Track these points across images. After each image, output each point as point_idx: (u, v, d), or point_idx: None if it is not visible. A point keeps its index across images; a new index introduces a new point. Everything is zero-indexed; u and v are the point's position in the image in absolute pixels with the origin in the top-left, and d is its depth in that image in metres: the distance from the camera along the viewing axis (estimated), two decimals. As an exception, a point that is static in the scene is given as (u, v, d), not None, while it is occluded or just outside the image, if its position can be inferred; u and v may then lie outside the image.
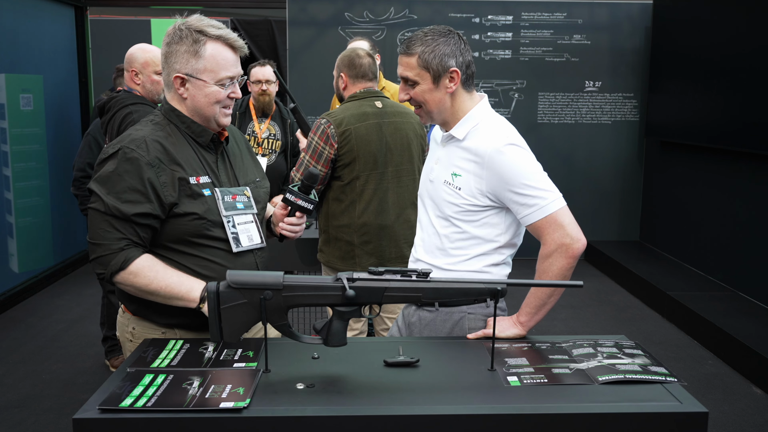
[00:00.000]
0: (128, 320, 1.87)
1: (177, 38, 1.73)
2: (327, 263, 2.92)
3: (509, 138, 1.84)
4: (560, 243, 1.78)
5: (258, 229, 1.86)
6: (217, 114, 1.78)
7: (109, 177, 1.67)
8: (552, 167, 7.20)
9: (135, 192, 1.66)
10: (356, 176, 2.78)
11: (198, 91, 1.75)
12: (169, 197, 1.69)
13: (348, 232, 2.82)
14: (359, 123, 2.76)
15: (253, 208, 1.86)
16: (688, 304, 4.63)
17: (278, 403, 1.40)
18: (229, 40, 1.75)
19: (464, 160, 1.88)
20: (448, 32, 1.87)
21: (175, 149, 1.74)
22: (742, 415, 3.40)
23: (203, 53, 1.72)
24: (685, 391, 1.48)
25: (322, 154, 2.74)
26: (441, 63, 1.83)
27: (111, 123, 3.10)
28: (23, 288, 5.21)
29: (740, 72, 4.74)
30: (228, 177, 1.85)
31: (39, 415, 3.31)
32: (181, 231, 1.73)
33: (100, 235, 1.68)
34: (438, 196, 1.94)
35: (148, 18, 6.96)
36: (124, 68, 3.23)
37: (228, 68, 1.75)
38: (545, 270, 1.81)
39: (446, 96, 1.88)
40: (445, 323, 1.95)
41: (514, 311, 1.89)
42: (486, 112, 1.92)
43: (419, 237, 2.05)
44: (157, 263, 1.71)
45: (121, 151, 1.68)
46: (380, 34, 6.38)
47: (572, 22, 6.47)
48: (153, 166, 1.68)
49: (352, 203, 2.80)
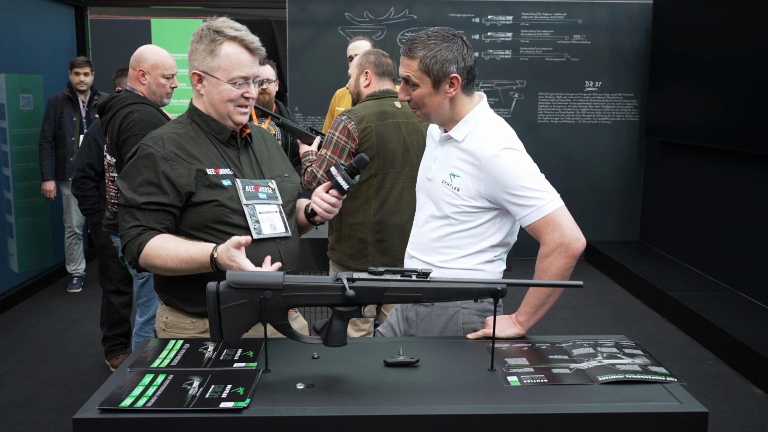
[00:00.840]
0: (163, 310, 1.93)
1: (198, 38, 1.83)
2: (338, 261, 2.92)
3: (506, 142, 1.85)
4: (559, 243, 1.79)
5: (283, 220, 1.89)
6: (231, 112, 1.84)
7: (129, 173, 1.79)
8: (552, 167, 7.21)
9: (150, 185, 1.75)
10: (374, 174, 2.78)
11: (212, 89, 1.82)
12: (186, 187, 1.76)
13: (362, 229, 2.81)
14: (380, 121, 2.77)
15: (278, 199, 1.90)
16: (688, 304, 4.63)
17: (278, 403, 1.40)
18: (245, 41, 1.81)
19: (463, 162, 1.89)
20: (451, 36, 1.87)
21: (194, 144, 1.82)
22: (742, 415, 3.40)
23: (218, 52, 1.79)
24: (685, 391, 1.48)
25: (345, 147, 2.74)
26: (442, 69, 1.84)
27: (111, 122, 3.09)
28: (23, 288, 5.21)
29: (740, 72, 4.74)
30: (253, 170, 1.91)
31: (39, 415, 3.31)
32: (201, 218, 1.78)
33: (123, 226, 1.78)
34: (436, 195, 1.96)
35: (148, 18, 6.95)
36: (131, 67, 3.18)
37: (241, 68, 1.80)
38: (545, 269, 1.81)
39: (446, 100, 1.89)
40: (440, 317, 1.98)
41: (512, 311, 1.89)
42: (485, 114, 1.93)
43: (414, 234, 2.07)
44: (168, 239, 1.75)
45: (140, 148, 1.80)
46: (380, 34, 6.38)
47: (572, 22, 6.47)
48: (168, 160, 1.76)
49: (367, 201, 2.80)
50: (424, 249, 2.00)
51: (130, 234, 1.75)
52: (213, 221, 1.78)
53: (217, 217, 1.78)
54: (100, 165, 3.70)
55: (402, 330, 2.08)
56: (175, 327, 1.88)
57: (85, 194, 3.72)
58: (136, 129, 2.98)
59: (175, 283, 1.84)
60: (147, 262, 1.74)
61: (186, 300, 1.85)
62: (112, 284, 3.74)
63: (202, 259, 1.69)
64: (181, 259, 1.70)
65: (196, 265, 1.71)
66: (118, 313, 3.76)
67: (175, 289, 1.85)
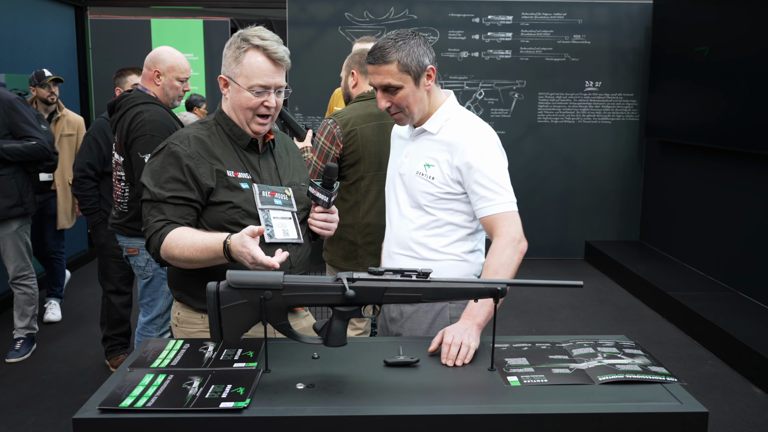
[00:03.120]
0: (176, 306, 1.98)
1: (229, 44, 1.87)
2: (330, 262, 2.93)
3: (484, 131, 1.96)
4: (514, 237, 1.87)
5: (296, 226, 1.92)
6: (250, 119, 1.87)
7: (156, 170, 1.83)
8: (552, 167, 7.22)
9: (176, 181, 1.79)
10: (361, 176, 2.78)
11: (235, 94, 1.86)
12: (208, 183, 1.80)
13: (352, 232, 2.82)
14: (365, 124, 2.77)
15: (293, 206, 1.93)
16: (688, 304, 4.63)
17: (278, 403, 1.40)
18: (269, 50, 1.82)
19: (437, 151, 1.97)
20: (412, 34, 1.94)
21: (216, 147, 1.87)
22: (742, 415, 3.41)
23: (242, 59, 1.83)
24: (685, 391, 1.48)
25: (328, 154, 2.75)
26: (419, 64, 1.92)
27: (121, 121, 3.09)
28: (23, 288, 5.17)
29: (740, 72, 4.74)
30: (271, 176, 1.95)
31: (39, 415, 3.31)
32: (218, 217, 1.82)
33: (147, 220, 1.81)
34: (411, 187, 2.02)
35: (148, 18, 6.96)
36: (145, 66, 3.18)
37: (261, 77, 1.82)
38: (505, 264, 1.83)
39: (425, 94, 1.97)
40: (427, 314, 2.01)
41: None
42: (456, 106, 2.03)
43: (390, 232, 2.12)
44: (187, 230, 1.76)
45: (167, 146, 1.84)
46: (380, 34, 6.38)
47: (572, 22, 6.47)
48: (192, 158, 1.81)
49: (356, 203, 2.81)
50: (402, 246, 2.06)
51: (155, 227, 1.78)
52: (228, 222, 1.81)
53: (233, 219, 1.81)
54: (100, 165, 3.69)
55: (389, 331, 2.10)
56: (186, 322, 1.92)
57: (85, 194, 3.72)
58: (146, 129, 2.99)
59: (187, 280, 1.88)
60: (167, 252, 1.75)
61: (195, 296, 1.89)
62: (112, 284, 3.74)
63: (216, 247, 1.69)
64: (197, 248, 1.71)
65: (211, 254, 1.70)
66: (118, 313, 3.76)
67: (187, 285, 1.90)
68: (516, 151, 6.45)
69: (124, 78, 3.89)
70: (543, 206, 6.56)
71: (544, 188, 6.57)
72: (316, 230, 1.93)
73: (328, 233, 1.94)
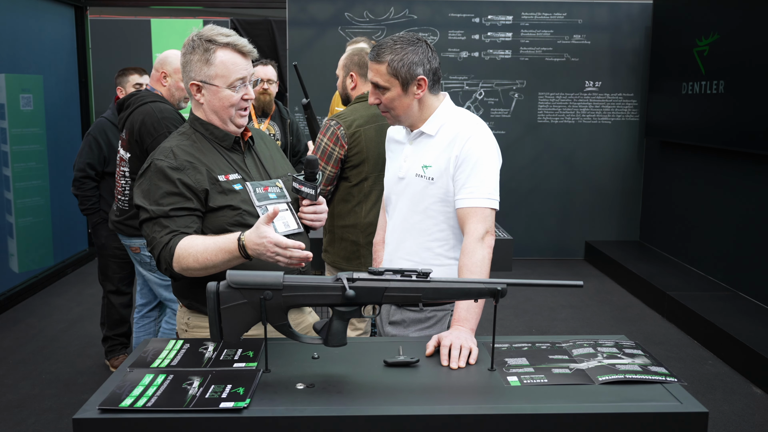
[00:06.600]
0: (184, 313, 1.97)
1: (191, 48, 1.85)
2: (332, 263, 2.92)
3: (481, 129, 1.96)
4: (485, 232, 1.87)
5: (294, 216, 1.94)
6: (233, 116, 1.89)
7: (148, 190, 1.80)
8: (552, 167, 7.21)
9: (172, 195, 1.77)
10: (365, 177, 2.78)
11: (213, 96, 1.86)
12: (204, 187, 1.79)
13: (354, 232, 2.82)
14: (369, 125, 2.76)
15: (286, 197, 1.95)
16: (688, 304, 4.63)
17: (278, 403, 1.40)
18: (238, 46, 1.85)
19: (436, 151, 1.97)
20: (416, 41, 1.94)
21: (202, 153, 1.86)
22: (742, 415, 3.41)
23: (214, 60, 1.83)
24: (685, 391, 1.48)
25: (331, 155, 2.74)
26: (409, 71, 1.91)
27: (130, 119, 3.11)
28: (23, 288, 5.21)
29: (740, 72, 4.74)
30: (259, 172, 1.96)
31: (39, 415, 3.31)
32: (220, 222, 1.81)
33: (153, 237, 1.77)
34: (412, 190, 2.01)
35: (148, 18, 6.96)
36: (154, 68, 3.25)
37: (238, 71, 1.85)
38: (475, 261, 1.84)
39: (414, 102, 1.96)
40: (430, 321, 2.01)
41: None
42: (452, 108, 2.03)
43: (391, 239, 2.10)
44: (195, 237, 1.75)
45: (152, 164, 1.81)
46: (380, 34, 6.38)
47: (572, 22, 6.47)
48: (182, 169, 1.79)
49: (359, 204, 2.81)
50: (406, 250, 2.03)
51: (162, 242, 1.74)
52: (230, 224, 1.81)
53: (235, 220, 1.81)
54: (100, 165, 3.70)
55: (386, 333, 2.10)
56: (197, 327, 1.92)
57: (85, 194, 3.72)
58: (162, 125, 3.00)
59: (194, 288, 1.86)
60: (180, 264, 1.72)
61: (204, 302, 1.86)
62: (112, 284, 3.74)
63: (230, 247, 1.68)
64: (210, 252, 1.69)
65: (226, 255, 1.69)
66: (119, 313, 3.76)
67: (195, 293, 1.88)
68: (516, 151, 6.45)
69: (126, 78, 3.91)
70: (543, 206, 6.56)
71: (544, 188, 6.57)
72: (308, 223, 1.95)
73: (320, 224, 1.96)
